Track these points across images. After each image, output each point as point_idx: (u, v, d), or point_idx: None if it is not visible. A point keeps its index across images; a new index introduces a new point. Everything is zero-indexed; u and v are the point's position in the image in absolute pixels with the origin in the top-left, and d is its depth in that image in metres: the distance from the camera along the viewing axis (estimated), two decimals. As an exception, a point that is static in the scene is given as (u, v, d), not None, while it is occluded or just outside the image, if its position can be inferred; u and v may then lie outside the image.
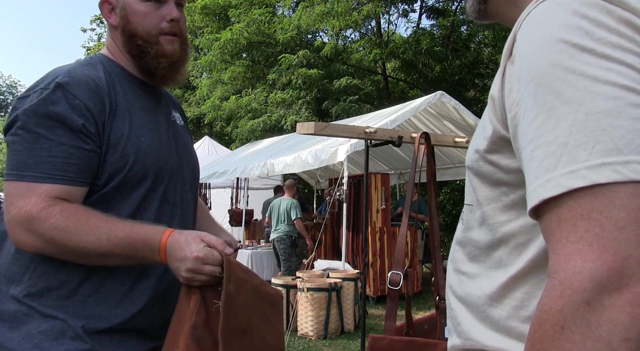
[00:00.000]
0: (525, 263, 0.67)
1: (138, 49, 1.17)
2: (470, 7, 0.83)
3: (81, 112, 1.05)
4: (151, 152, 1.15)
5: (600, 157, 0.50)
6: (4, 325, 1.05)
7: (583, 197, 0.50)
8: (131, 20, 1.16)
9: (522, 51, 0.60)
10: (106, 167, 1.09)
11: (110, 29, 1.21)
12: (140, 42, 1.16)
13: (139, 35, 1.16)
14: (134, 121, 1.14)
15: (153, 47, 1.17)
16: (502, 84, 0.64)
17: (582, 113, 0.51)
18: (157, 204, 1.17)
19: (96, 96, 1.08)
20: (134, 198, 1.13)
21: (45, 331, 1.04)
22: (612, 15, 0.54)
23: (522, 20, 0.62)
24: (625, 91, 0.51)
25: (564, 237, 0.51)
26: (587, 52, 0.53)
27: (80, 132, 1.05)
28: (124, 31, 1.17)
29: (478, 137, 0.73)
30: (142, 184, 1.14)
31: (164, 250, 1.04)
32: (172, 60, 1.19)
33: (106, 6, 1.19)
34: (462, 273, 0.78)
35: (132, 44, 1.17)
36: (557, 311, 0.49)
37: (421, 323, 1.87)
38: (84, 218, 1.02)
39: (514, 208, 0.68)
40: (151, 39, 1.16)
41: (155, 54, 1.17)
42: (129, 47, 1.18)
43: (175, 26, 1.19)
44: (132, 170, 1.12)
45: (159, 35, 1.17)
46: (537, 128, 0.55)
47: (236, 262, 1.08)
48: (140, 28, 1.16)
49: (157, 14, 1.17)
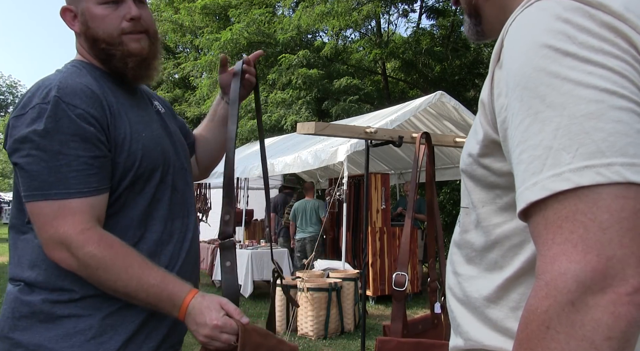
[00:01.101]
0: (520, 265, 0.68)
1: (104, 53, 1.17)
2: (468, 31, 0.85)
3: (88, 120, 1.06)
4: (154, 145, 1.18)
5: (584, 160, 0.51)
6: (41, 325, 1.07)
7: (568, 199, 0.51)
8: (91, 26, 1.16)
9: (509, 56, 0.61)
10: (117, 168, 1.12)
11: (76, 37, 1.21)
12: (104, 45, 1.16)
13: (101, 38, 1.16)
14: (131, 118, 1.16)
15: (118, 49, 1.16)
16: (491, 88, 0.66)
17: (566, 117, 0.53)
18: (169, 194, 1.21)
19: (95, 102, 1.09)
20: (147, 192, 1.16)
21: (82, 330, 1.07)
22: (594, 19, 0.55)
23: (508, 25, 0.64)
24: (607, 94, 0.52)
25: (550, 239, 0.52)
26: (570, 56, 0.54)
27: (92, 140, 1.06)
28: (86, 37, 1.17)
29: (470, 141, 0.74)
30: (153, 177, 1.17)
31: (184, 311, 1.08)
32: (141, 58, 1.19)
33: (68, 14, 1.19)
34: (460, 275, 0.79)
35: (97, 49, 1.17)
36: (542, 311, 0.51)
37: (416, 323, 1.87)
38: (120, 255, 1.06)
39: (508, 211, 0.70)
40: (114, 40, 1.16)
41: (122, 55, 1.17)
42: (95, 52, 1.18)
43: (137, 24, 1.18)
44: (142, 166, 1.14)
45: (122, 36, 1.16)
46: (523, 132, 0.56)
47: (253, 328, 1.13)
48: (101, 31, 1.15)
49: (116, 14, 1.16)
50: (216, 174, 8.67)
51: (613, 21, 0.55)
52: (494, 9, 0.78)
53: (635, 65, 0.54)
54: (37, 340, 1.06)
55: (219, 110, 1.48)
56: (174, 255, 1.21)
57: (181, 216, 1.25)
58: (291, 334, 5.01)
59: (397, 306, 1.67)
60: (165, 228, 1.19)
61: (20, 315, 1.08)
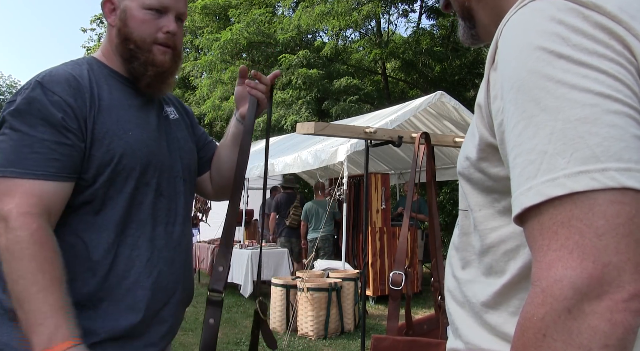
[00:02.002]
0: (517, 271, 0.67)
1: (129, 53, 1.19)
2: (463, 35, 0.84)
3: (61, 107, 1.07)
4: (140, 146, 1.16)
5: (578, 165, 0.50)
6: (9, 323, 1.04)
7: (563, 205, 0.51)
8: (129, 24, 1.18)
9: (503, 58, 0.60)
10: (93, 161, 1.11)
11: (108, 28, 1.24)
12: (132, 46, 1.19)
13: (132, 39, 1.18)
14: (122, 116, 1.16)
15: (144, 54, 1.19)
16: (487, 91, 0.65)
17: (561, 121, 0.52)
18: (152, 197, 1.19)
19: (77, 92, 1.10)
20: (125, 192, 1.14)
21: None
22: (588, 21, 0.55)
23: (502, 26, 0.63)
24: (601, 98, 0.51)
25: (545, 245, 0.52)
26: (564, 58, 0.54)
27: (61, 127, 1.06)
28: (119, 33, 1.19)
29: (467, 144, 0.73)
30: (132, 176, 1.15)
31: None
32: (161, 70, 1.21)
33: (108, 5, 1.21)
34: (458, 279, 0.78)
35: (125, 47, 1.19)
36: (539, 319, 0.50)
37: (421, 323, 1.87)
38: (42, 257, 0.99)
39: (506, 214, 0.69)
40: (144, 46, 1.19)
41: (145, 61, 1.19)
42: (121, 49, 1.20)
43: (170, 38, 1.21)
44: (121, 163, 1.13)
45: (153, 44, 1.19)
46: (517, 136, 0.56)
47: None
48: (135, 33, 1.18)
49: (155, 23, 1.19)
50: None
51: (607, 22, 0.54)
52: (486, 11, 0.77)
53: (629, 67, 0.53)
54: (4, 338, 1.04)
55: (231, 128, 1.44)
56: (151, 263, 1.17)
57: (165, 222, 1.21)
58: (291, 334, 5.01)
59: (393, 305, 1.67)
60: (143, 233, 1.16)
61: None
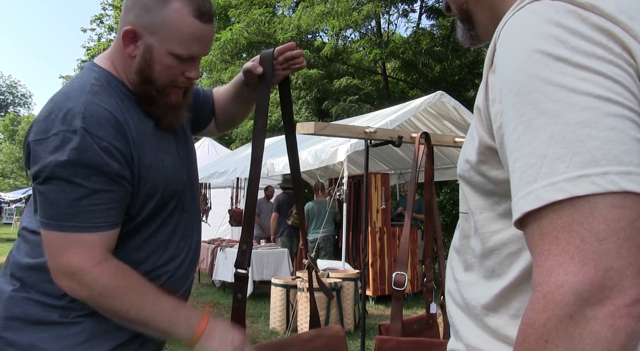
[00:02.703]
0: (518, 273, 0.67)
1: (147, 96, 1.14)
2: (462, 36, 0.84)
3: (112, 154, 1.03)
4: (174, 174, 1.18)
5: (578, 169, 0.50)
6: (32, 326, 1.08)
7: (563, 209, 0.50)
8: (154, 68, 1.10)
9: (501, 61, 0.60)
10: (138, 197, 1.11)
11: (123, 53, 1.12)
12: (154, 92, 1.13)
13: (155, 84, 1.12)
14: (153, 145, 1.14)
15: (163, 99, 1.15)
16: (486, 94, 0.64)
17: (560, 125, 0.52)
18: (178, 216, 1.22)
19: (120, 133, 1.06)
20: (161, 217, 1.17)
21: (75, 333, 1.08)
22: (586, 22, 0.54)
23: (500, 28, 0.62)
24: (600, 101, 0.51)
25: (546, 250, 0.51)
26: (563, 61, 0.53)
27: (115, 175, 1.04)
28: (141, 71, 1.11)
29: (467, 147, 0.73)
30: (169, 205, 1.18)
31: (202, 332, 1.09)
32: (176, 107, 1.19)
33: (130, 35, 1.10)
34: (459, 281, 0.78)
35: (145, 89, 1.13)
36: (540, 324, 0.50)
37: (411, 323, 1.87)
38: (135, 284, 1.07)
39: (506, 218, 0.68)
40: (164, 90, 1.14)
41: (165, 104, 1.15)
42: (140, 89, 1.13)
43: (188, 82, 1.17)
44: (163, 195, 1.15)
45: (172, 87, 1.15)
46: (516, 140, 0.55)
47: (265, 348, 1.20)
48: (159, 78, 1.12)
49: (179, 68, 1.13)
50: (216, 174, 8.71)
51: (605, 24, 0.54)
52: (485, 12, 0.77)
53: (628, 69, 0.53)
54: (29, 339, 1.06)
55: (241, 92, 1.41)
56: (172, 276, 1.22)
57: (186, 236, 1.24)
58: (291, 334, 5.01)
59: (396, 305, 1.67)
60: (167, 250, 1.19)
61: (13, 315, 1.08)
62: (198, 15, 1.08)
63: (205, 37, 1.12)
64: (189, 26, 1.08)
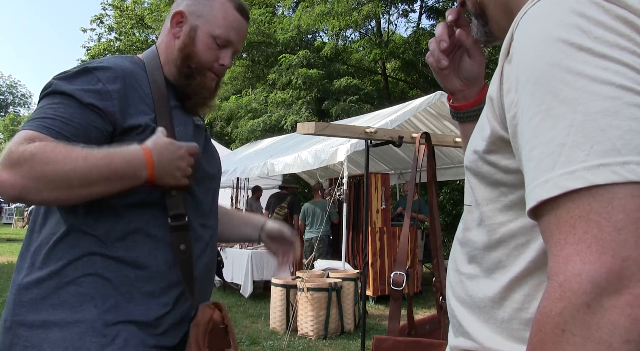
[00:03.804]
0: (525, 265, 0.67)
1: (188, 70, 1.25)
2: (477, 33, 0.83)
3: (100, 94, 1.09)
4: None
5: (598, 158, 0.49)
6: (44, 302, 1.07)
7: (581, 198, 0.50)
8: (196, 45, 1.25)
9: (520, 50, 0.59)
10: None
11: (169, 35, 1.28)
12: (193, 65, 1.25)
13: (195, 59, 1.25)
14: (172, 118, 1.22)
15: (199, 76, 1.26)
16: (500, 83, 0.64)
17: (580, 114, 0.51)
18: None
19: (122, 83, 1.13)
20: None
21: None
22: (610, 14, 0.54)
23: (519, 18, 0.62)
24: (623, 91, 0.50)
25: (562, 239, 0.51)
26: (585, 51, 0.53)
27: (90, 105, 1.08)
28: (184, 48, 1.25)
29: (476, 138, 0.72)
30: None
31: (150, 157, 1.07)
32: (207, 93, 1.30)
33: (177, 17, 1.27)
34: (462, 274, 0.77)
35: (186, 64, 1.25)
36: (557, 314, 0.49)
37: (423, 323, 1.86)
38: (63, 145, 1.02)
39: (513, 209, 0.68)
40: (202, 69, 1.26)
41: (199, 83, 1.26)
42: (180, 64, 1.25)
43: (222, 70, 1.30)
44: None
45: (208, 70, 1.27)
46: (534, 128, 0.55)
47: None
48: (199, 55, 1.25)
49: (216, 53, 1.27)
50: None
51: (628, 15, 0.54)
52: (497, 6, 0.77)
53: None
54: (41, 316, 1.06)
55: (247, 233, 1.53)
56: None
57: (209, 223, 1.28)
58: (291, 334, 5.01)
59: (394, 305, 1.67)
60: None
61: (23, 299, 1.08)
62: (239, 10, 1.29)
63: (241, 29, 1.30)
64: (230, 15, 1.28)
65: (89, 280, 1.09)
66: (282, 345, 4.76)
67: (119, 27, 20.34)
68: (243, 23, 1.30)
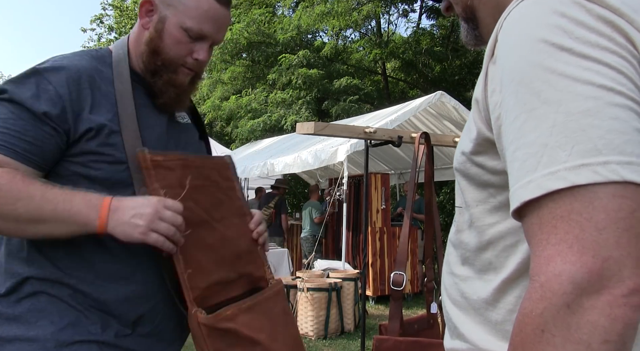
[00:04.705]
0: (515, 266, 0.67)
1: (154, 67, 1.14)
2: (467, 37, 0.83)
3: (51, 98, 1.00)
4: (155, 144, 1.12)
5: (580, 158, 0.50)
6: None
7: (563, 199, 0.50)
8: (163, 39, 1.12)
9: (503, 51, 0.60)
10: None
11: (139, 27, 1.16)
12: (160, 63, 1.13)
13: (162, 56, 1.13)
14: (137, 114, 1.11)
15: (168, 74, 1.14)
16: (485, 85, 0.64)
17: (562, 114, 0.51)
18: None
19: (75, 85, 1.03)
20: None
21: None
22: (591, 14, 0.54)
23: (503, 19, 0.62)
24: (604, 91, 0.51)
25: (544, 239, 0.51)
26: (566, 51, 0.53)
27: (43, 115, 0.99)
28: (150, 42, 1.13)
29: (464, 139, 0.73)
30: None
31: (106, 209, 0.96)
32: (180, 90, 1.17)
33: (147, 6, 1.14)
34: (456, 276, 0.77)
35: (152, 60, 1.13)
36: (537, 314, 0.49)
37: (411, 323, 1.87)
38: (20, 178, 0.95)
39: (502, 210, 0.68)
40: (171, 66, 1.13)
41: (168, 80, 1.14)
42: (147, 60, 1.14)
43: (197, 65, 1.17)
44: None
45: (179, 66, 1.14)
46: (518, 129, 0.55)
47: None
48: (167, 51, 1.12)
49: (189, 46, 1.13)
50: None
51: (609, 15, 0.54)
52: (488, 8, 0.77)
53: (632, 60, 0.53)
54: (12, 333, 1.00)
55: None
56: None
57: None
58: (291, 334, 5.01)
59: (394, 305, 1.67)
60: None
61: None
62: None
63: (219, 19, 1.14)
64: (205, 3, 1.11)
65: (46, 295, 1.02)
66: (282, 345, 4.76)
67: (119, 27, 20.35)
68: (221, 11, 1.14)
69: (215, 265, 1.12)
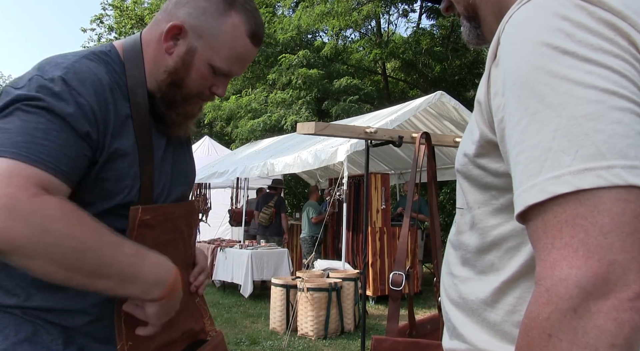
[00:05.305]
0: (517, 268, 0.67)
1: (171, 100, 1.05)
2: (468, 36, 0.82)
3: (86, 114, 0.89)
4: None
5: (584, 162, 0.50)
6: None
7: (568, 203, 0.50)
8: (189, 73, 1.03)
9: (506, 54, 0.60)
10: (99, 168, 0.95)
11: (159, 47, 1.04)
12: (179, 98, 1.05)
13: (183, 91, 1.04)
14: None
15: (183, 107, 1.06)
16: (488, 87, 0.64)
17: (565, 118, 0.51)
18: None
19: (101, 97, 0.93)
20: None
21: None
22: (593, 17, 0.54)
23: (505, 22, 0.62)
24: (607, 94, 0.51)
25: (549, 243, 0.51)
26: (569, 54, 0.53)
27: (85, 135, 0.89)
28: (174, 73, 1.02)
29: (466, 141, 0.72)
30: None
31: (171, 284, 0.93)
32: (190, 120, 1.12)
33: (175, 31, 1.01)
34: (455, 277, 0.77)
35: (170, 93, 1.04)
36: (544, 318, 0.49)
37: (424, 323, 1.86)
38: (89, 221, 0.85)
39: (504, 212, 0.68)
40: (190, 98, 1.06)
41: (181, 112, 1.07)
42: (166, 91, 1.04)
43: (212, 98, 1.11)
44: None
45: (195, 98, 1.07)
46: (520, 133, 0.55)
47: None
48: (190, 85, 1.04)
49: (210, 80, 1.05)
50: (216, 174, 8.71)
51: (612, 18, 0.54)
52: (490, 7, 0.76)
53: (635, 64, 0.53)
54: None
55: None
56: None
57: None
58: (291, 334, 5.01)
59: (393, 306, 1.67)
60: None
61: None
62: (251, 37, 1.04)
63: (249, 59, 1.08)
64: (240, 45, 1.03)
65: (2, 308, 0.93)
66: (282, 345, 4.76)
67: (119, 27, 20.35)
68: (253, 51, 1.06)
69: (161, 328, 1.03)
